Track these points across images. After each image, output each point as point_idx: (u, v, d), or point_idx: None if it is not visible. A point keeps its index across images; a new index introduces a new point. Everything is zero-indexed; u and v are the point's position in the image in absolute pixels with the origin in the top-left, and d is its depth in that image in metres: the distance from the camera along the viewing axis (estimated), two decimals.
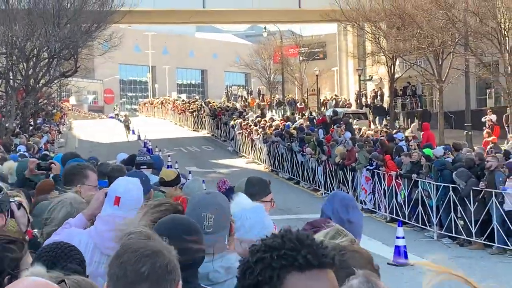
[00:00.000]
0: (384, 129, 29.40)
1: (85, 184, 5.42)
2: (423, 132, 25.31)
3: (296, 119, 38.35)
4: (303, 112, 47.94)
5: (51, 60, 32.20)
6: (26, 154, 16.93)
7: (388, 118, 39.87)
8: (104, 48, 38.09)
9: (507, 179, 14.61)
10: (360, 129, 29.54)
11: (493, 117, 29.66)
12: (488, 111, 30.17)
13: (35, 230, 4.70)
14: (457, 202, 16.01)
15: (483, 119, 30.33)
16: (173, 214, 3.59)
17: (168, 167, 25.43)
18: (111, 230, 3.66)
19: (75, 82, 44.05)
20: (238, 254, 3.53)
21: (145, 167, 8.83)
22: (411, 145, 22.01)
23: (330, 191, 23.71)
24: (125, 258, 2.19)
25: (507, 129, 28.87)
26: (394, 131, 28.47)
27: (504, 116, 29.85)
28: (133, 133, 48.88)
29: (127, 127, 49.47)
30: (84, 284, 2.55)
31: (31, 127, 35.89)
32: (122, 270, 2.17)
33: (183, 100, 62.85)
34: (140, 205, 3.95)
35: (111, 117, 72.94)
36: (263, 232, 3.54)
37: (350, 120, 33.50)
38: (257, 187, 4.68)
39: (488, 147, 20.32)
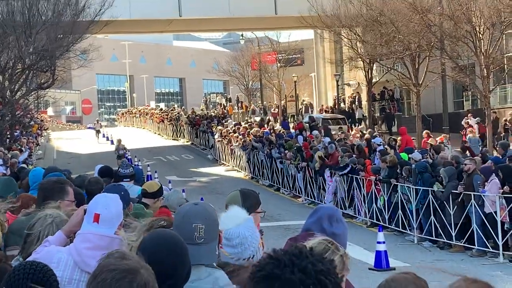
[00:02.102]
0: (359, 134, 29.47)
1: (64, 200, 5.39)
2: (400, 137, 25.46)
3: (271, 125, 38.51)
4: (277, 118, 48.05)
5: (27, 72, 31.96)
6: (1, 168, 16.79)
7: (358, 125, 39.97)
8: (81, 58, 37.87)
9: (485, 182, 14.73)
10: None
11: (473, 121, 29.88)
12: (468, 114, 30.38)
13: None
14: (437, 206, 16.11)
15: (463, 122, 30.55)
16: (159, 229, 3.58)
17: (148, 177, 25.33)
18: (90, 248, 3.65)
19: (52, 93, 43.71)
20: (228, 268, 3.56)
21: (128, 179, 8.81)
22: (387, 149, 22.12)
23: (310, 197, 23.78)
24: (101, 278, 2.18)
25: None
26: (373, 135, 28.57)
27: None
28: (107, 139, 49.65)
29: (98, 131, 53.68)
30: None
31: (8, 140, 35.57)
32: None
33: (161, 109, 62.71)
34: (120, 220, 3.93)
35: (89, 128, 72.53)
36: (256, 246, 3.78)
37: (329, 126, 33.62)
38: (253, 200, 4.69)
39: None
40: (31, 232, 4.30)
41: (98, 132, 54.55)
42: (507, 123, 29.46)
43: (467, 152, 19.39)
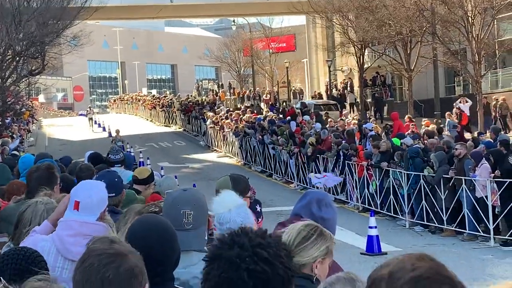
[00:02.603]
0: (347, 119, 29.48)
1: (55, 186, 5.38)
2: (394, 122, 25.48)
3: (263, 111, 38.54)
4: (273, 104, 48.00)
5: (17, 58, 31.80)
6: None
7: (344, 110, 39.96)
8: (71, 44, 37.67)
9: (476, 167, 14.78)
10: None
11: (467, 106, 29.85)
12: (463, 99, 30.37)
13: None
14: (428, 191, 16.17)
15: (456, 105, 30.48)
16: (148, 215, 3.57)
17: (140, 163, 25.31)
18: (71, 235, 3.64)
19: (43, 80, 43.48)
20: None
21: (119, 165, 8.80)
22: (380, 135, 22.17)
23: (303, 183, 23.81)
24: (89, 262, 2.17)
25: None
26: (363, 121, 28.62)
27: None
28: (99, 126, 49.35)
29: (91, 119, 52.14)
30: None
31: None
32: (87, 275, 2.15)
33: (153, 96, 62.55)
34: (103, 208, 3.92)
35: (81, 115, 72.32)
36: None
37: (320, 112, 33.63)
38: (243, 185, 4.71)
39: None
40: (22, 218, 4.29)
41: (91, 120, 53.52)
42: (499, 109, 29.47)
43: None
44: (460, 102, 30.00)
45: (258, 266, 2.00)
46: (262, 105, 46.91)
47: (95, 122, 53.07)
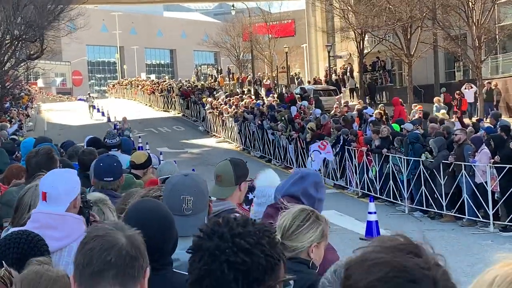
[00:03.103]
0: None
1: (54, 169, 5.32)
2: (395, 107, 25.46)
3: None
4: (269, 89, 47.91)
5: (15, 42, 31.69)
6: None
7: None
8: (70, 29, 37.55)
9: (476, 153, 14.75)
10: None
11: (471, 92, 29.79)
12: (468, 85, 30.27)
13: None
14: (428, 176, 16.15)
15: (463, 89, 30.37)
16: (144, 199, 3.54)
17: (139, 148, 25.29)
18: (37, 227, 3.56)
19: (42, 64, 43.37)
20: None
21: (116, 149, 8.78)
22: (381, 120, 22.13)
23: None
24: (90, 245, 2.14)
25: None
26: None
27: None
28: (103, 114, 48.76)
29: (91, 107, 50.61)
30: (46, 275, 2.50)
31: None
32: (87, 258, 2.12)
33: (152, 80, 62.43)
34: (73, 197, 3.82)
35: (80, 100, 72.20)
36: None
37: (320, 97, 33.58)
38: (243, 169, 4.69)
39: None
40: (21, 202, 4.25)
41: (91, 107, 51.72)
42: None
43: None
44: (465, 89, 29.92)
45: (238, 257, 1.96)
46: (262, 90, 46.84)
47: (94, 107, 52.36)
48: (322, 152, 20.34)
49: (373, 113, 22.66)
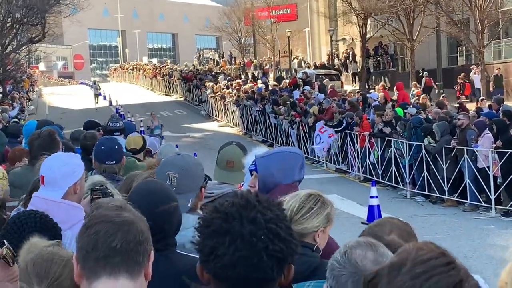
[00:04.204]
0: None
1: (58, 151, 5.31)
2: (398, 92, 25.39)
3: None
4: (265, 73, 47.78)
5: (17, 26, 31.61)
6: None
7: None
8: (72, 12, 37.44)
9: (479, 137, 14.73)
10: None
11: (477, 77, 29.70)
12: (477, 70, 30.14)
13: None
14: (430, 161, 16.14)
15: (472, 74, 30.25)
16: (148, 180, 3.54)
17: (141, 132, 25.26)
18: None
19: (43, 47, 43.30)
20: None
21: (118, 133, 8.72)
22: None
23: (304, 153, 23.77)
24: (95, 229, 2.10)
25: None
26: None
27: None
28: (104, 98, 48.48)
29: (97, 96, 47.67)
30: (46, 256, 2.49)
31: (0, 95, 35.36)
32: (92, 243, 2.09)
33: (154, 65, 62.32)
34: (72, 181, 3.79)
35: (82, 83, 72.12)
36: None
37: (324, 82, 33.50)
38: (246, 153, 4.64)
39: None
40: (36, 186, 4.21)
41: (97, 96, 47.38)
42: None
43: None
44: (474, 73, 29.82)
45: (276, 245, 1.93)
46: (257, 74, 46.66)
47: (100, 95, 48.91)
48: (322, 135, 20.41)
49: (377, 98, 22.57)
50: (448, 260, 1.45)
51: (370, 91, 25.65)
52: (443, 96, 23.92)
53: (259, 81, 37.07)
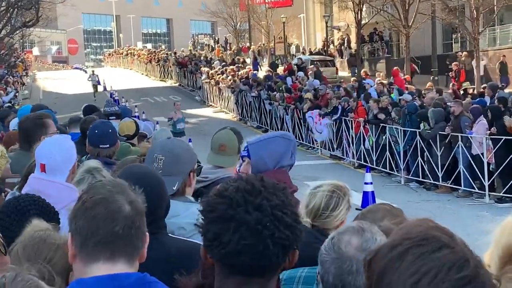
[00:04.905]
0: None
1: (47, 134, 5.26)
2: (394, 78, 25.36)
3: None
4: (253, 59, 47.58)
5: (11, 10, 31.43)
6: None
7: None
8: None
9: (473, 124, 14.74)
10: None
11: (482, 64, 29.67)
12: (482, 56, 30.13)
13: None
14: (424, 147, 16.16)
15: (473, 62, 30.18)
16: (134, 165, 3.52)
17: (136, 117, 25.17)
18: (26, 192, 3.54)
19: (37, 32, 43.04)
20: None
21: (114, 117, 8.68)
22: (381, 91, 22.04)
23: (299, 139, 23.76)
24: (96, 212, 2.07)
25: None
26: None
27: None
28: (99, 83, 47.97)
29: (95, 87, 42.66)
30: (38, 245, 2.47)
31: None
32: (93, 227, 2.06)
33: (149, 50, 62.08)
34: (71, 164, 3.81)
35: (76, 68, 71.85)
36: None
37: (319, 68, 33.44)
38: (242, 138, 4.62)
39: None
40: (32, 171, 4.18)
41: (95, 87, 41.87)
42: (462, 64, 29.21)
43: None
44: (475, 61, 29.78)
45: (282, 233, 1.88)
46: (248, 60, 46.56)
47: (99, 83, 44.01)
48: (319, 127, 20.40)
49: (373, 85, 22.55)
50: (448, 239, 1.44)
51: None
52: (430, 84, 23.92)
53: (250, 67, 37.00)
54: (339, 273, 2.36)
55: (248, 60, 45.58)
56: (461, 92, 20.83)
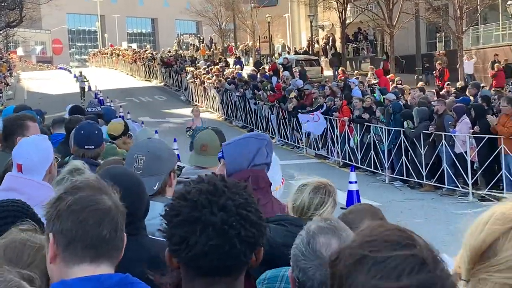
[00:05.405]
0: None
1: (25, 136, 5.24)
2: (379, 78, 25.46)
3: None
4: (236, 57, 47.61)
5: None
6: None
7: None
8: None
9: (457, 122, 14.84)
10: None
11: (471, 62, 29.79)
12: (468, 56, 30.20)
13: None
14: (408, 146, 16.25)
15: (464, 60, 30.27)
16: (112, 166, 3.51)
17: (121, 118, 25.10)
18: (0, 190, 3.54)
19: (21, 32, 42.81)
20: None
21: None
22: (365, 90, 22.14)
23: (284, 139, 23.80)
24: (84, 216, 2.07)
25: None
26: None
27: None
28: (89, 89, 47.27)
29: (83, 89, 41.05)
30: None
31: None
32: (81, 230, 2.06)
33: (133, 50, 61.88)
34: (48, 164, 3.81)
35: (60, 68, 71.50)
36: None
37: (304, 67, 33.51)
38: (224, 138, 4.63)
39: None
40: (9, 170, 4.18)
41: (83, 91, 40.03)
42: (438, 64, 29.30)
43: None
44: (465, 59, 29.91)
45: (248, 231, 1.89)
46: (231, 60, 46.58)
47: (90, 89, 42.62)
48: (314, 123, 20.39)
49: (357, 84, 22.62)
50: (408, 239, 1.46)
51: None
52: (421, 83, 24.05)
53: (237, 66, 36.99)
54: (325, 279, 2.36)
55: (230, 61, 45.50)
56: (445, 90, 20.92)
